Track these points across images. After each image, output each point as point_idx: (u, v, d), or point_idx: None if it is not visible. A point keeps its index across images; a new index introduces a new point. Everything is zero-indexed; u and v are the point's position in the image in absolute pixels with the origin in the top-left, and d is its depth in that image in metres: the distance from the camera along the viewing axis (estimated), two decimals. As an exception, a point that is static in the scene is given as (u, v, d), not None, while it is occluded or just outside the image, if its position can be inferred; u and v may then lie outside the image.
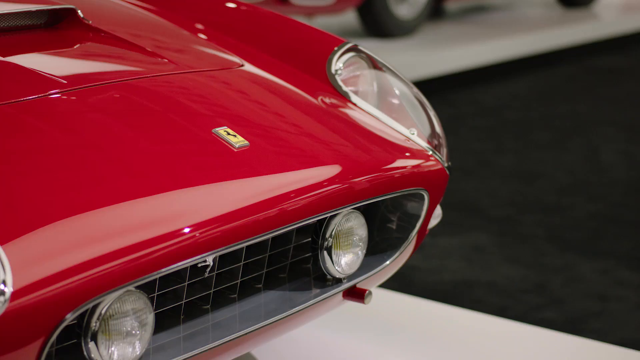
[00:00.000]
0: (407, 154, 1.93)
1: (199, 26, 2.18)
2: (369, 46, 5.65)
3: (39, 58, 1.79)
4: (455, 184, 3.92)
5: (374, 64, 2.12)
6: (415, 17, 5.96)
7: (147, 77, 1.77)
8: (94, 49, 1.89)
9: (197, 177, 1.55)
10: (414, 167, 1.91)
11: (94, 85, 1.68)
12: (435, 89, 5.53)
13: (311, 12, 5.67)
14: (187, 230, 1.44)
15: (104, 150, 1.51)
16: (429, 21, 6.65)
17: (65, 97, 1.62)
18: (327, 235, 1.75)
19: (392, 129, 1.96)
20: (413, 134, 1.97)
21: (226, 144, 1.63)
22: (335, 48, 2.11)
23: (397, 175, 1.85)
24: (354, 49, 2.12)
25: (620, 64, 6.69)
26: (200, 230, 1.46)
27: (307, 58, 2.10)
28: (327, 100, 1.98)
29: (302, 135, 1.82)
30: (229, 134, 1.65)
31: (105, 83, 1.70)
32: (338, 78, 2.05)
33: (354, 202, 1.74)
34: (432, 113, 2.09)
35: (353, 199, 1.74)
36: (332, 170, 1.74)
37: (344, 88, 2.03)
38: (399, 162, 1.89)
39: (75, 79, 1.69)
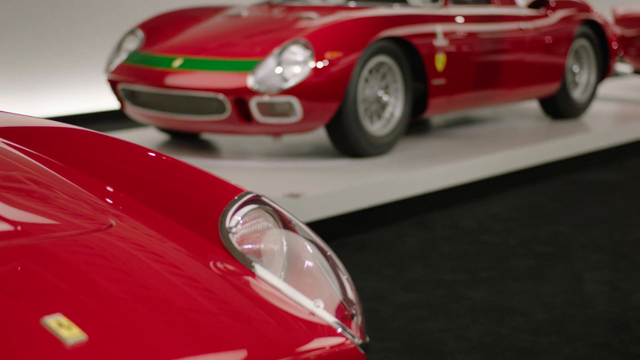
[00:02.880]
0: (309, 333, 1.60)
1: (82, 175, 1.87)
2: (341, 166, 5.38)
3: None
4: (420, 323, 3.57)
5: (282, 219, 1.81)
6: (389, 133, 5.68)
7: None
8: None
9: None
10: (315, 350, 1.58)
11: None
12: (409, 212, 5.22)
13: (277, 131, 5.39)
14: None
15: None
16: (407, 136, 6.37)
17: None
18: None
19: (293, 300, 1.64)
20: (319, 306, 1.65)
21: (56, 338, 1.29)
22: (236, 197, 1.80)
23: (292, 363, 1.52)
24: (256, 200, 1.81)
25: (610, 178, 6.39)
26: None
27: (199, 213, 1.78)
28: (217, 265, 1.66)
29: (169, 314, 1.48)
30: (61, 325, 1.31)
31: None
32: (232, 237, 1.72)
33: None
34: (345, 277, 1.76)
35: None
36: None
37: (239, 249, 1.70)
38: (297, 346, 1.56)
39: None
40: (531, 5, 7.30)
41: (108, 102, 8.21)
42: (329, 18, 5.61)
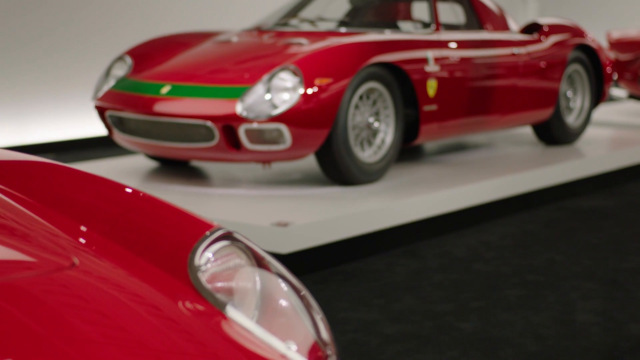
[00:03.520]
0: (281, 376, 1.53)
1: (54, 213, 1.81)
2: (331, 193, 5.31)
3: None
4: (409, 355, 3.50)
5: (255, 256, 1.74)
6: (380, 160, 5.61)
7: None
8: None
9: None
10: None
11: None
12: (400, 240, 5.15)
13: (267, 158, 5.32)
14: None
15: None
16: (398, 163, 6.32)
17: None
18: None
19: (264, 343, 1.57)
20: (290, 348, 1.58)
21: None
22: (207, 233, 1.74)
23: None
24: (228, 236, 1.74)
25: (605, 205, 6.33)
26: None
27: (170, 251, 1.71)
28: (186, 305, 1.59)
29: (145, 358, 1.42)
30: (11, 374, 1.24)
31: None
32: (202, 275, 1.66)
33: None
34: (319, 316, 1.69)
35: None
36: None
37: (208, 288, 1.63)
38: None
39: None
40: (524, 30, 7.25)
41: (97, 128, 8.16)
42: (319, 44, 5.56)
